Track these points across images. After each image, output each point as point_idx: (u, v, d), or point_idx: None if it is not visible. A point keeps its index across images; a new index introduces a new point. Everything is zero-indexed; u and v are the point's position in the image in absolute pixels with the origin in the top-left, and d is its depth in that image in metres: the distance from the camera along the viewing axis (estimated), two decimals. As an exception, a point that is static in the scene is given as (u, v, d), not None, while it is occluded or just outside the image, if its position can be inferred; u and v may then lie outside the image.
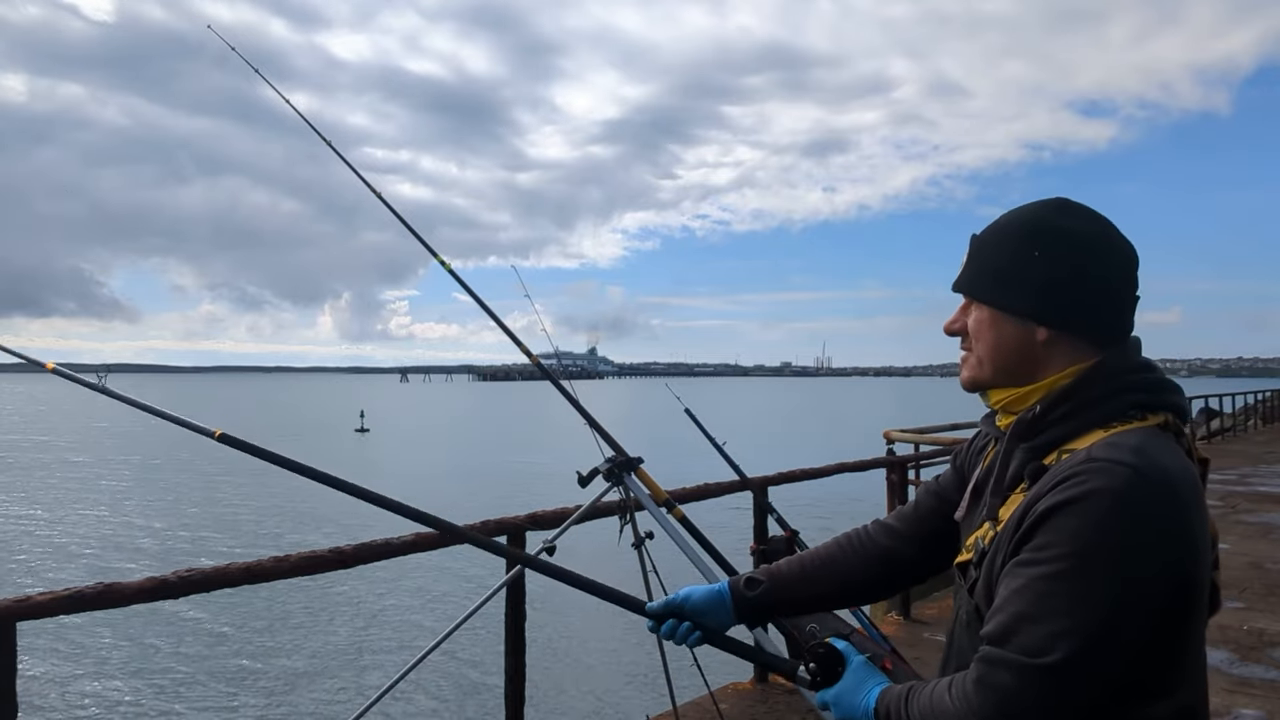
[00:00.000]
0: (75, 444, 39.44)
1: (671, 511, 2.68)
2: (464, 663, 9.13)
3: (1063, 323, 1.18)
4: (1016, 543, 1.08)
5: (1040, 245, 1.18)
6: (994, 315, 1.21)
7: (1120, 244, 1.19)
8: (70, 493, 23.64)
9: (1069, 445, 1.12)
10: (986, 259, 1.23)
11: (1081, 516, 1.01)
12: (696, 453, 4.12)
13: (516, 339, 2.98)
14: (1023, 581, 1.04)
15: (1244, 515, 9.66)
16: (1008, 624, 1.03)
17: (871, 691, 1.19)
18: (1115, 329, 1.18)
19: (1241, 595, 6.31)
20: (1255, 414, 25.32)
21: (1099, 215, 1.20)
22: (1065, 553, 1.01)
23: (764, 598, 1.44)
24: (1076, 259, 1.17)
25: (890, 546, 1.46)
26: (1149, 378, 1.17)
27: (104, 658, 10.05)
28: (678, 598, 1.41)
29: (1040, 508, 1.05)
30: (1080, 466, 1.05)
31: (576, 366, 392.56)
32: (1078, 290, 1.17)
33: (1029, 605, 1.02)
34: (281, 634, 10.88)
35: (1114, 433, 1.10)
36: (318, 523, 18.60)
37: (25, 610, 2.38)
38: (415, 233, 2.91)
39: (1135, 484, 1.01)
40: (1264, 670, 4.77)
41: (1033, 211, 1.23)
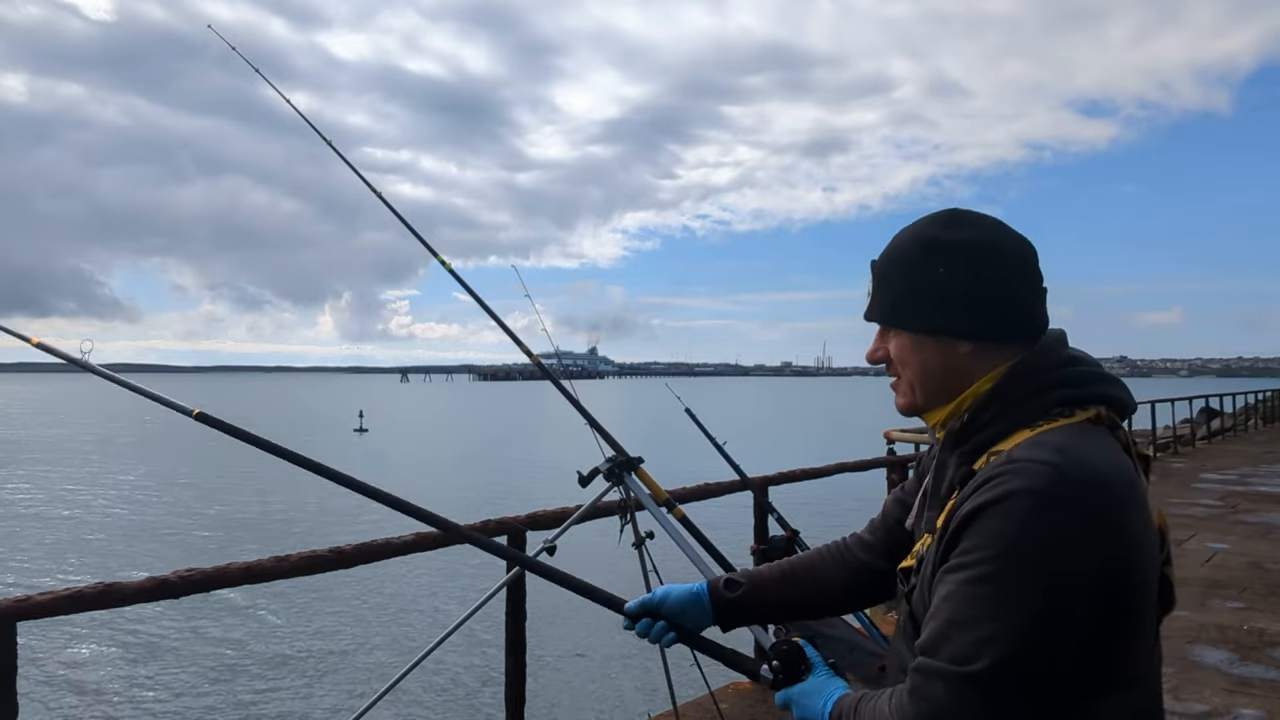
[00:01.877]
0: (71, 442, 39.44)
1: (672, 511, 2.68)
2: (464, 663, 9.13)
3: (978, 331, 1.17)
4: (944, 549, 1.06)
5: (938, 261, 1.18)
6: (913, 340, 1.20)
7: (1013, 242, 1.19)
8: (69, 492, 23.64)
9: (996, 448, 1.11)
10: (891, 285, 1.22)
11: (1002, 518, 0.99)
12: (697, 452, 4.12)
13: (517, 339, 2.98)
14: (950, 588, 1.02)
15: (1244, 515, 9.65)
16: (938, 632, 1.02)
17: (831, 695, 1.19)
18: (1027, 326, 1.18)
19: (1241, 595, 6.30)
20: (1255, 414, 25.31)
21: (987, 219, 1.21)
22: (987, 556, 0.99)
23: (742, 600, 1.43)
24: (972, 267, 1.16)
25: (865, 559, 1.46)
26: (1074, 371, 1.15)
27: (104, 658, 10.05)
28: (655, 597, 1.40)
29: (962, 512, 1.04)
30: (1001, 468, 1.04)
31: (577, 366, 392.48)
32: (981, 296, 1.16)
33: (956, 612, 1.00)
34: (281, 634, 10.87)
35: (1039, 432, 1.08)
36: (318, 522, 18.60)
37: (25, 610, 2.38)
38: (415, 233, 2.91)
39: (1055, 481, 0.99)
40: (1264, 670, 4.77)
41: (923, 229, 1.22)
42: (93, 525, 18.81)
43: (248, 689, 9.10)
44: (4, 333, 1.83)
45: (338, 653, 10.17)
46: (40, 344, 1.81)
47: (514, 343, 2.97)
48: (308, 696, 8.89)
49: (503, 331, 2.96)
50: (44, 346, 1.80)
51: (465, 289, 2.97)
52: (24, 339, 1.83)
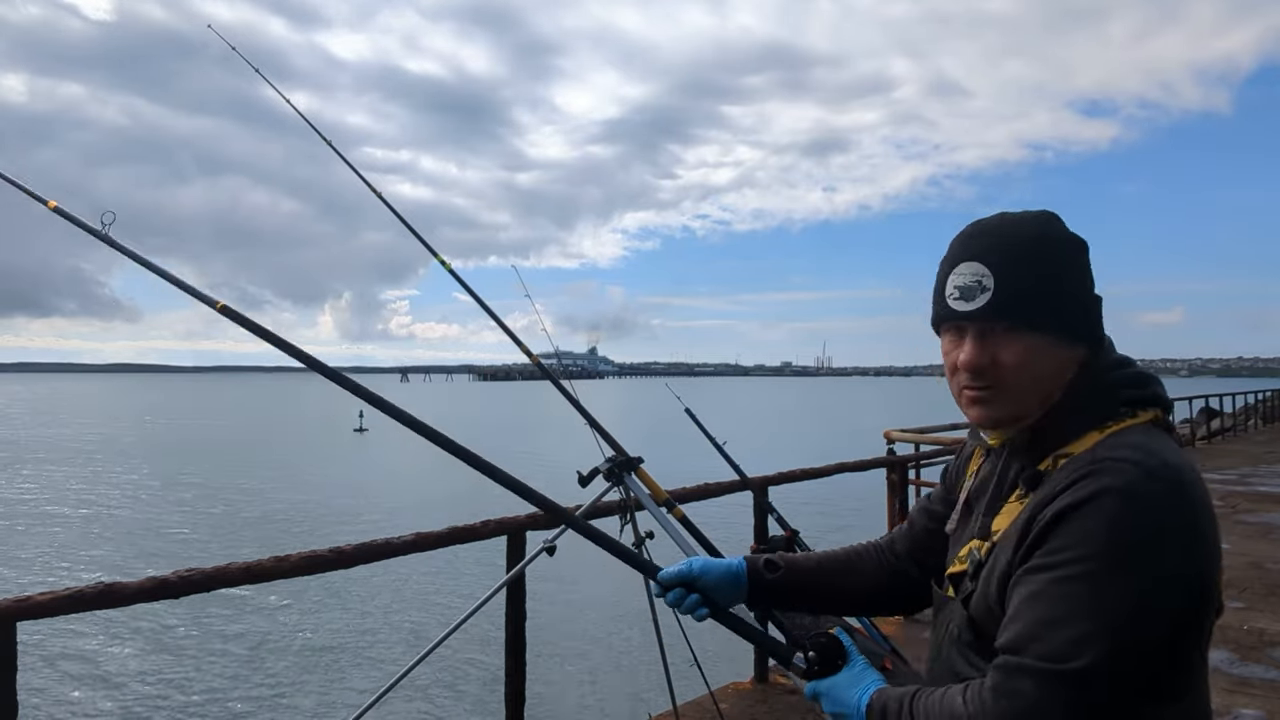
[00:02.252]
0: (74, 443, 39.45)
1: (672, 511, 2.68)
2: (464, 663, 9.13)
3: (1093, 334, 1.16)
4: (1026, 550, 1.05)
5: (1070, 261, 1.16)
6: (1042, 343, 1.13)
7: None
8: (70, 492, 23.65)
9: (1064, 450, 1.10)
10: (1024, 280, 1.13)
11: (1094, 517, 0.99)
12: (697, 453, 4.12)
13: (517, 339, 2.98)
14: (1038, 587, 1.01)
15: (1244, 515, 9.66)
16: (1026, 631, 1.00)
17: (867, 688, 1.16)
18: (1101, 328, 1.18)
19: (1241, 595, 6.31)
20: (1255, 414, 25.32)
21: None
22: (1081, 555, 0.98)
23: (779, 583, 1.42)
24: (1087, 268, 1.17)
25: (899, 564, 1.45)
26: (1133, 373, 1.15)
27: (104, 658, 10.05)
28: (693, 569, 1.38)
29: (1050, 512, 1.03)
30: (1088, 468, 1.03)
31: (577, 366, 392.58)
32: (1095, 299, 1.17)
33: (1047, 610, 0.99)
34: (281, 634, 10.87)
35: (1110, 433, 1.08)
36: (318, 522, 18.60)
37: (25, 610, 2.38)
38: (416, 233, 2.91)
39: (1145, 481, 0.99)
40: (1264, 670, 4.77)
41: (1044, 225, 1.18)
42: (94, 525, 18.81)
43: (248, 689, 9.10)
44: (24, 193, 1.71)
45: (338, 653, 10.17)
46: (57, 208, 1.70)
47: (514, 343, 2.97)
48: (308, 696, 8.89)
49: (503, 331, 2.96)
50: (61, 212, 1.70)
51: (465, 289, 2.97)
52: (41, 201, 1.71)
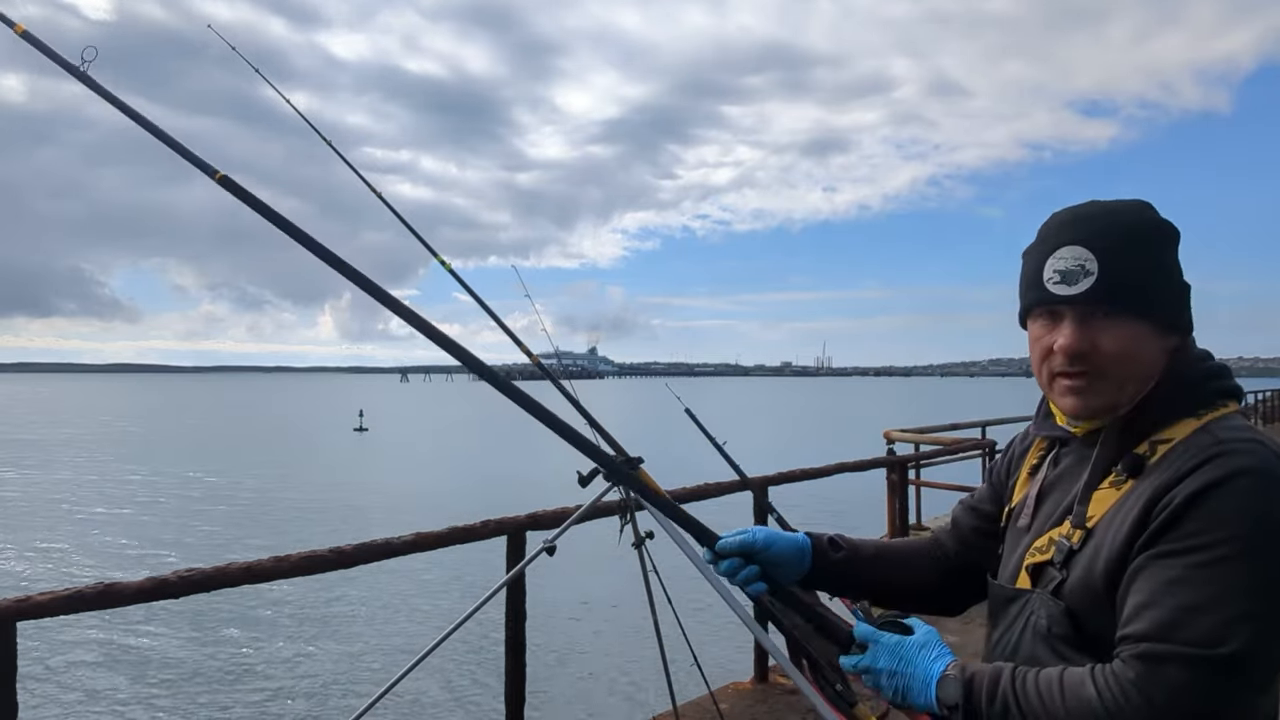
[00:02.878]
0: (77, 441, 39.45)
1: (671, 511, 2.67)
2: (464, 663, 9.12)
3: (1189, 324, 1.17)
4: (1152, 535, 1.01)
5: (1172, 250, 1.16)
6: (1146, 330, 1.12)
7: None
8: (71, 492, 23.65)
9: (1161, 435, 1.09)
10: (1131, 266, 1.11)
11: (1235, 497, 0.97)
12: (697, 453, 4.12)
13: (517, 339, 2.97)
14: (1177, 573, 0.97)
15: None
16: (1169, 618, 0.96)
17: (942, 655, 1.12)
18: (1191, 318, 1.18)
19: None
20: (1255, 414, 25.34)
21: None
22: (1224, 536, 0.96)
23: (841, 564, 1.39)
24: (1177, 255, 1.17)
25: (950, 564, 1.43)
26: (1218, 365, 1.16)
27: (104, 658, 10.05)
28: (755, 539, 1.34)
29: (1181, 494, 1.00)
30: (1214, 449, 1.02)
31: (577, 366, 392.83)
32: (1186, 287, 1.17)
33: (1192, 595, 0.96)
34: (281, 634, 10.87)
35: (1209, 419, 1.08)
36: (319, 522, 18.61)
37: (25, 610, 2.38)
38: (415, 233, 2.90)
39: (1275, 461, 1.00)
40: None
41: (1144, 213, 1.17)
42: (94, 525, 18.81)
43: (247, 689, 9.10)
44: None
45: (337, 653, 10.17)
46: (25, 33, 1.54)
47: (514, 343, 2.97)
48: (307, 696, 8.89)
49: (503, 331, 2.95)
50: (29, 37, 1.54)
51: (465, 289, 2.97)
52: (9, 24, 1.55)
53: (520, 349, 3.01)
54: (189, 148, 1.42)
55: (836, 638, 1.21)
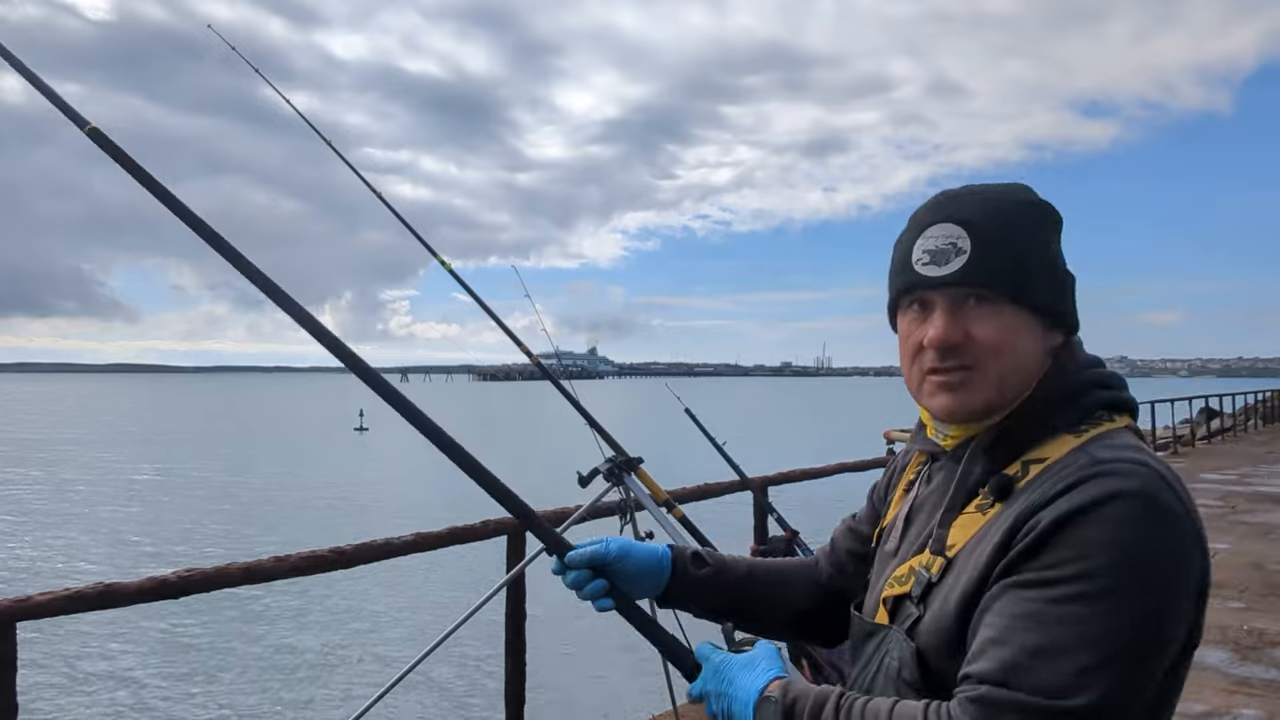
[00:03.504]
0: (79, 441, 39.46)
1: (671, 511, 2.68)
2: (464, 663, 9.12)
3: (1074, 321, 1.05)
4: (1012, 561, 0.89)
5: (1052, 233, 1.04)
6: (1024, 319, 0.99)
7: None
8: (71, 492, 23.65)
9: (1034, 455, 0.96)
10: (1008, 247, 0.99)
11: (1106, 525, 0.84)
12: (697, 453, 4.12)
13: (517, 339, 2.98)
14: (1033, 607, 0.85)
15: (1244, 515, 9.65)
16: (1016, 659, 0.83)
17: (766, 672, 1.00)
18: (1076, 313, 1.05)
19: (1241, 595, 6.30)
20: (1255, 414, 25.33)
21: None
22: (1090, 569, 0.83)
23: (703, 582, 1.25)
24: (1059, 241, 1.05)
25: (827, 589, 1.29)
26: (1108, 372, 1.02)
27: (104, 658, 10.05)
28: (608, 551, 1.19)
29: (1048, 517, 0.87)
30: (1090, 469, 0.89)
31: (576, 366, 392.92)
32: (1070, 278, 1.05)
33: (1045, 635, 0.83)
34: (281, 634, 10.87)
35: (1089, 437, 0.95)
36: (319, 521, 18.60)
37: (25, 610, 2.38)
38: (415, 233, 2.91)
39: (1157, 484, 0.87)
40: (1264, 670, 4.76)
41: (1023, 194, 1.05)
42: (94, 525, 18.80)
43: (247, 689, 9.09)
44: None
45: (337, 653, 10.17)
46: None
47: (514, 343, 2.97)
48: (307, 697, 8.88)
49: (503, 332, 2.96)
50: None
51: (465, 289, 2.97)
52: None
53: (520, 349, 3.01)
54: (65, 100, 1.34)
55: (681, 661, 1.09)
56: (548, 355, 3.36)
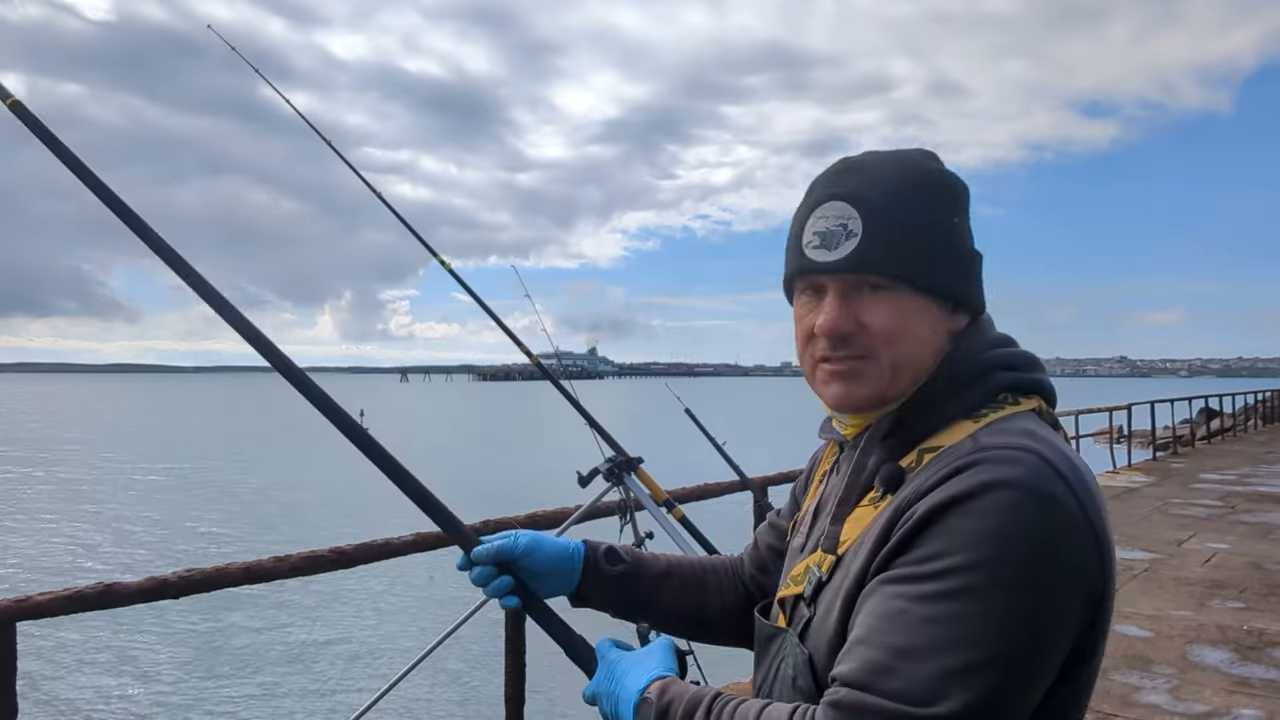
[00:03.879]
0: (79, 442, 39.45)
1: (671, 511, 2.68)
2: (464, 663, 9.13)
3: (979, 301, 0.97)
4: (887, 555, 0.83)
5: (952, 209, 0.95)
6: (919, 304, 0.92)
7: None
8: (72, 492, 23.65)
9: (930, 443, 0.89)
10: (896, 226, 0.91)
11: (982, 516, 0.77)
12: (696, 453, 4.12)
13: (516, 339, 2.98)
14: (899, 604, 0.78)
15: (1244, 515, 9.65)
16: (879, 660, 0.77)
17: (649, 673, 0.96)
18: (983, 294, 0.98)
19: (1241, 595, 6.30)
20: (1255, 414, 25.32)
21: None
22: (960, 564, 0.76)
23: (618, 580, 1.19)
24: (967, 217, 0.97)
25: (749, 588, 1.23)
26: (1015, 352, 0.95)
27: (104, 658, 10.05)
28: (515, 546, 1.12)
29: (921, 509, 0.81)
30: (970, 457, 0.81)
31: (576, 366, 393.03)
32: (975, 256, 0.98)
33: (909, 636, 0.76)
34: (281, 634, 10.87)
35: (988, 422, 0.87)
36: (320, 521, 18.60)
37: (25, 610, 2.38)
38: (415, 233, 2.91)
39: (1044, 473, 0.79)
40: (1264, 670, 4.76)
41: (923, 159, 0.97)
42: (94, 525, 18.81)
43: (247, 689, 9.10)
44: None
45: (337, 653, 10.17)
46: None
47: (514, 343, 2.97)
48: (307, 697, 8.89)
49: (503, 332, 2.96)
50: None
51: (465, 289, 2.97)
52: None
53: (520, 349, 3.01)
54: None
55: (586, 662, 1.05)
56: (548, 355, 3.36)
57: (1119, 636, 5.33)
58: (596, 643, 1.06)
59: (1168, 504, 10.45)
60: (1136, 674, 4.68)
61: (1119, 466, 14.19)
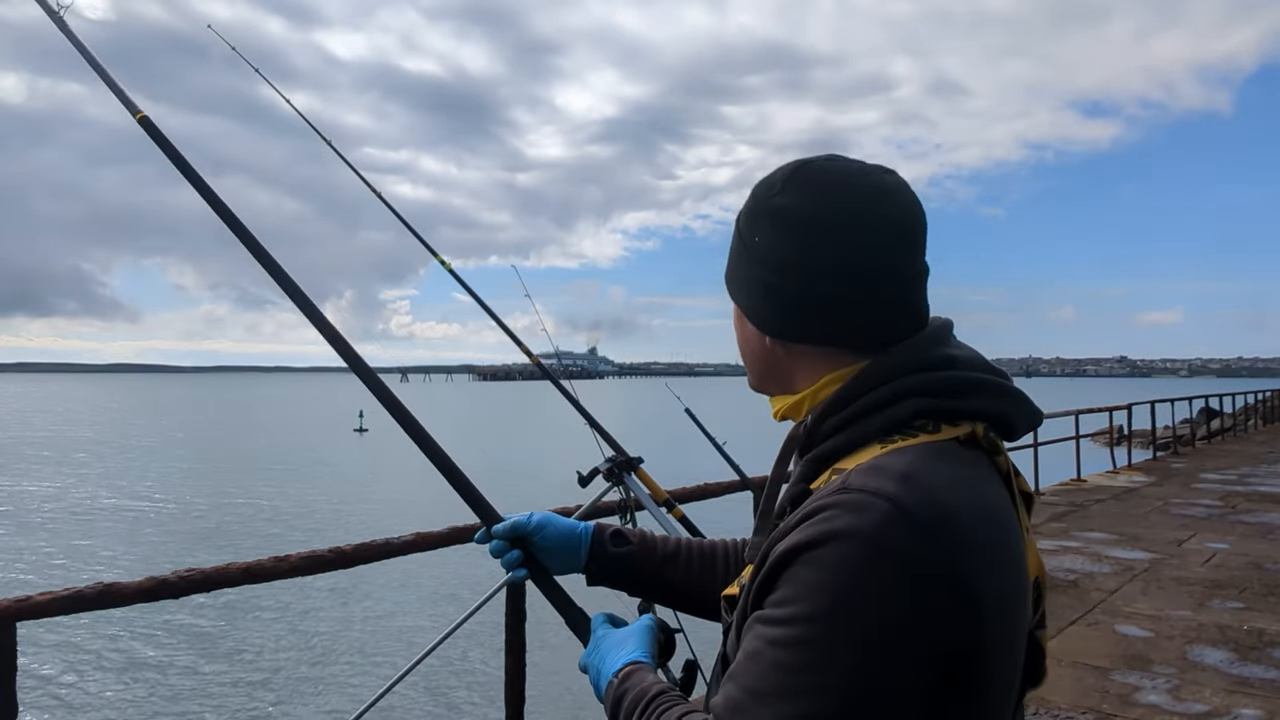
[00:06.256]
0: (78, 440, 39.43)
1: (671, 511, 2.68)
2: (464, 663, 9.13)
3: (779, 329, 0.95)
4: (758, 590, 0.84)
5: (758, 225, 0.95)
6: (736, 311, 1.02)
7: (870, 219, 0.90)
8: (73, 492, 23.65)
9: (840, 464, 0.88)
10: (732, 245, 1.02)
11: (820, 567, 0.77)
12: (697, 452, 4.12)
13: (517, 339, 2.98)
14: (756, 645, 0.80)
15: (1244, 515, 9.65)
16: (735, 700, 0.80)
17: (628, 655, 1.02)
18: (883, 329, 0.91)
19: (1241, 595, 6.30)
20: (1255, 414, 25.33)
21: (843, 170, 0.92)
22: (799, 613, 0.77)
23: (625, 560, 1.24)
24: (793, 246, 0.91)
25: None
26: (946, 376, 0.89)
27: (104, 658, 10.05)
28: (530, 523, 1.24)
29: (779, 550, 0.81)
30: (828, 499, 0.81)
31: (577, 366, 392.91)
32: (793, 290, 0.92)
33: (758, 679, 0.78)
34: (281, 634, 10.88)
35: (890, 450, 0.85)
36: (319, 521, 18.60)
37: (25, 610, 2.38)
38: (415, 233, 2.91)
39: (892, 522, 0.76)
40: (1264, 670, 4.76)
41: (764, 185, 0.97)
42: (94, 525, 18.81)
43: (247, 689, 9.10)
44: None
45: (338, 653, 10.17)
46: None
47: (514, 343, 2.97)
48: (308, 697, 8.89)
49: (503, 331, 2.96)
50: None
51: (465, 289, 2.97)
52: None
53: (520, 349, 3.01)
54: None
55: (581, 630, 1.14)
56: (548, 355, 3.36)
57: (1119, 636, 5.34)
58: (593, 616, 1.13)
59: (1168, 504, 10.45)
60: (1136, 674, 4.68)
61: (1119, 466, 14.19)
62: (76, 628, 10.53)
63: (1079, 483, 12.39)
